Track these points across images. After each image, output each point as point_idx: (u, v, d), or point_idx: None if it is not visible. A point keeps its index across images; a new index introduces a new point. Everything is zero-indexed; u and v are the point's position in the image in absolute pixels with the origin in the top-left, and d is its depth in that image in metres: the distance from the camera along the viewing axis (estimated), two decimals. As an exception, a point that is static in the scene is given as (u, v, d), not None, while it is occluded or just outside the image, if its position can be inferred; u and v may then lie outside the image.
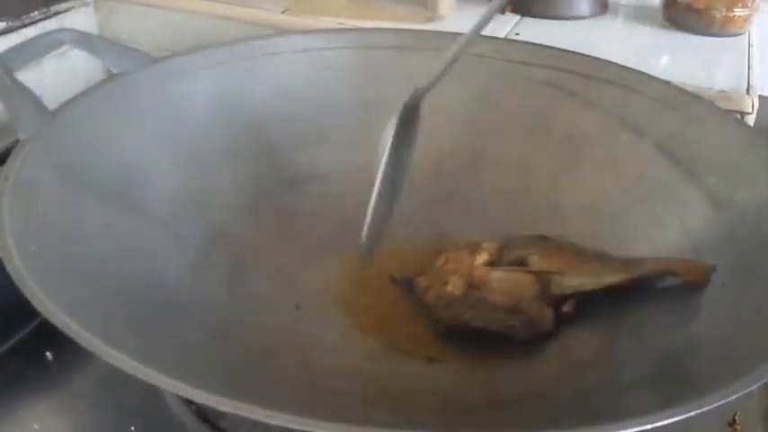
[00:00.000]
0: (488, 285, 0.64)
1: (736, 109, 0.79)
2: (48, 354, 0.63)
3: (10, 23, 0.90)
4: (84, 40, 0.71)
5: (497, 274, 0.64)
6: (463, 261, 0.66)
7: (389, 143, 0.62)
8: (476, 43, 0.63)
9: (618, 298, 0.63)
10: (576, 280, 0.64)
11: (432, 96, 0.77)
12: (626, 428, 0.40)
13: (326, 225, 0.73)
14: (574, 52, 0.78)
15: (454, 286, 0.64)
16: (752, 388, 0.44)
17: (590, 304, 0.64)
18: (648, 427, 0.41)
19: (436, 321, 0.64)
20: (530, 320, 0.63)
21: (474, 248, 0.67)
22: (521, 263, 0.66)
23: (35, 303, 0.46)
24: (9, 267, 0.48)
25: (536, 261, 0.66)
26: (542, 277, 0.64)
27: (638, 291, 0.62)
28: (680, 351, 0.55)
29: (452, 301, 0.63)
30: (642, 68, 0.75)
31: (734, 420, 0.61)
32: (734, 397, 0.43)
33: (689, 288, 0.60)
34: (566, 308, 0.64)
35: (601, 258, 0.66)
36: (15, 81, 0.64)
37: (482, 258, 0.66)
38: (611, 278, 0.64)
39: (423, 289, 0.66)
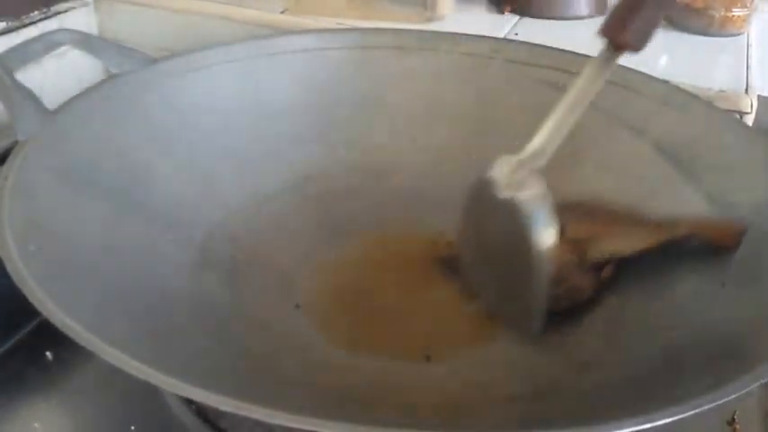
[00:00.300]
0: None
1: (734, 109, 0.79)
2: (48, 353, 0.63)
3: (10, 23, 0.90)
4: (83, 41, 0.71)
5: None
6: None
7: None
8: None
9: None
10: (612, 245, 0.65)
11: (432, 97, 0.78)
12: (626, 428, 0.40)
13: (326, 225, 0.73)
14: (572, 52, 0.78)
15: None
16: (751, 387, 0.44)
17: (627, 269, 0.64)
18: (648, 426, 0.41)
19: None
20: (572, 289, 0.63)
21: None
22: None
23: (35, 303, 0.46)
24: (9, 267, 0.48)
25: (571, 229, 0.65)
26: (579, 245, 0.65)
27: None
28: (679, 350, 0.55)
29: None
30: (641, 68, 0.75)
31: (733, 419, 0.61)
32: (733, 396, 0.43)
33: (718, 252, 0.61)
34: (605, 273, 0.65)
35: (634, 221, 0.66)
36: (15, 81, 0.64)
37: None
38: (645, 242, 0.64)
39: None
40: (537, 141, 0.61)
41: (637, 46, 0.59)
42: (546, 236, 0.59)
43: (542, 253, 0.58)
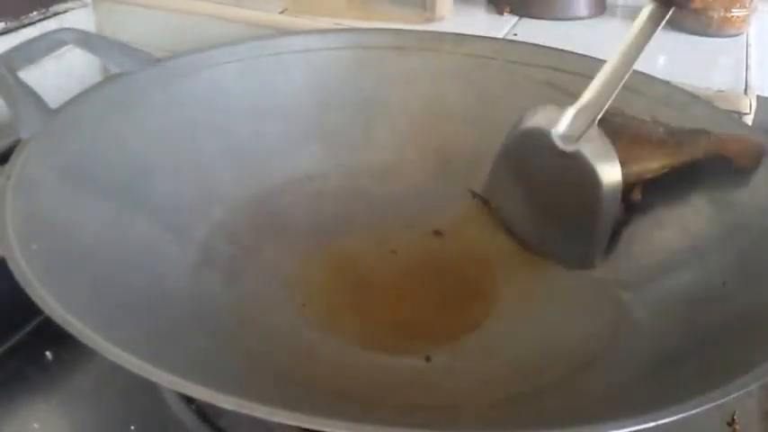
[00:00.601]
0: None
1: (734, 109, 0.79)
2: (47, 353, 0.63)
3: (9, 24, 0.90)
4: (85, 40, 0.71)
5: None
6: None
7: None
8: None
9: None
10: (637, 167, 0.67)
11: (432, 97, 0.78)
12: (625, 427, 0.40)
13: (327, 223, 0.74)
14: (572, 53, 0.79)
15: None
16: (751, 387, 0.44)
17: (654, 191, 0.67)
18: (648, 425, 0.41)
19: None
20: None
21: None
22: None
23: (37, 301, 0.46)
24: (11, 266, 0.48)
25: None
26: None
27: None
28: (679, 350, 0.55)
29: None
30: (640, 69, 0.76)
31: (733, 420, 0.61)
32: (733, 396, 0.43)
33: (738, 172, 0.64)
34: (634, 196, 0.67)
35: (658, 140, 0.67)
36: (18, 80, 0.64)
37: None
38: (668, 161, 0.67)
39: None
40: (589, 94, 0.66)
41: (683, 3, 0.65)
42: (614, 185, 0.65)
43: (612, 200, 0.65)
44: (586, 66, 0.76)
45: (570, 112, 0.67)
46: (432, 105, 0.79)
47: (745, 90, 0.81)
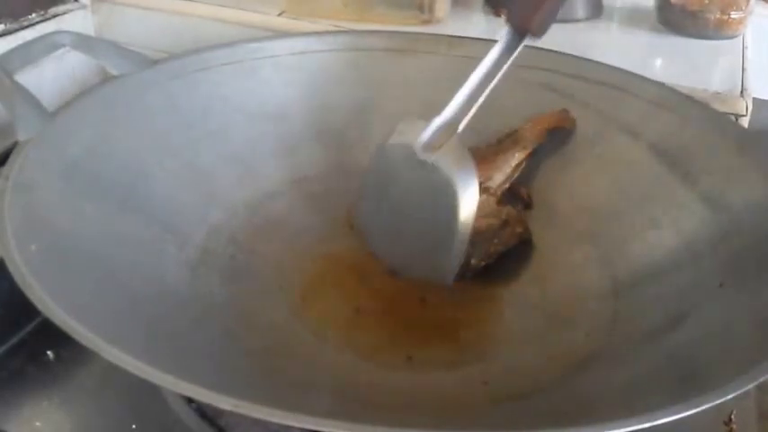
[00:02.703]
0: None
1: (730, 111, 0.79)
2: (49, 352, 0.63)
3: (7, 26, 0.90)
4: (83, 43, 0.71)
5: None
6: None
7: None
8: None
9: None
10: (501, 175, 0.73)
11: (429, 99, 0.78)
12: (624, 427, 0.41)
13: (325, 225, 0.74)
14: (569, 55, 0.79)
15: None
16: (748, 387, 0.44)
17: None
18: (646, 425, 0.41)
19: (467, 273, 0.69)
20: (521, 220, 0.71)
21: None
22: None
23: (36, 302, 0.46)
24: (10, 267, 0.49)
25: None
26: (482, 189, 0.69)
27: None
28: (677, 351, 0.55)
29: (467, 251, 0.67)
30: (637, 71, 0.76)
31: (729, 420, 0.61)
32: (730, 396, 0.44)
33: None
34: (523, 194, 0.75)
35: (499, 148, 0.75)
36: (15, 83, 0.64)
37: None
38: (519, 157, 0.74)
39: None
40: (450, 107, 0.67)
41: (539, 33, 0.66)
42: (471, 194, 0.66)
43: (469, 210, 0.66)
44: (583, 68, 0.77)
45: (432, 125, 0.67)
46: (429, 107, 0.79)
47: (742, 92, 0.81)
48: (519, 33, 0.66)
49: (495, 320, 0.66)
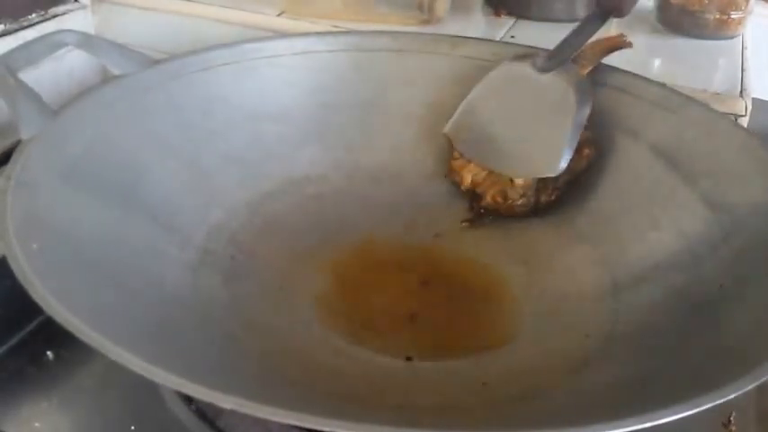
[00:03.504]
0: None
1: (729, 111, 0.79)
2: (48, 353, 0.63)
3: (8, 26, 0.90)
4: (85, 42, 0.71)
5: None
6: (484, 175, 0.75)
7: None
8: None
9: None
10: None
11: (429, 100, 0.78)
12: (624, 427, 0.41)
13: (325, 225, 0.74)
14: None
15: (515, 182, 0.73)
16: (748, 388, 0.44)
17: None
18: (646, 425, 0.41)
19: (539, 210, 0.74)
20: (590, 142, 0.73)
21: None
22: None
23: (38, 301, 0.46)
24: (13, 265, 0.48)
25: None
26: None
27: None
28: (677, 351, 0.55)
29: (537, 186, 0.73)
30: (637, 71, 0.76)
31: (729, 421, 0.61)
32: (731, 396, 0.44)
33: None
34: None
35: None
36: (19, 81, 0.64)
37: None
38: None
39: (500, 204, 0.74)
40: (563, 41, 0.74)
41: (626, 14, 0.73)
42: (587, 96, 0.73)
43: (586, 109, 0.72)
44: (583, 68, 0.77)
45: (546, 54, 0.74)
46: (430, 108, 0.79)
47: (741, 92, 0.81)
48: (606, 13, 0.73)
49: (495, 321, 0.66)
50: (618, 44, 0.75)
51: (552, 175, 0.71)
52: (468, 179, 0.73)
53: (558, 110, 0.72)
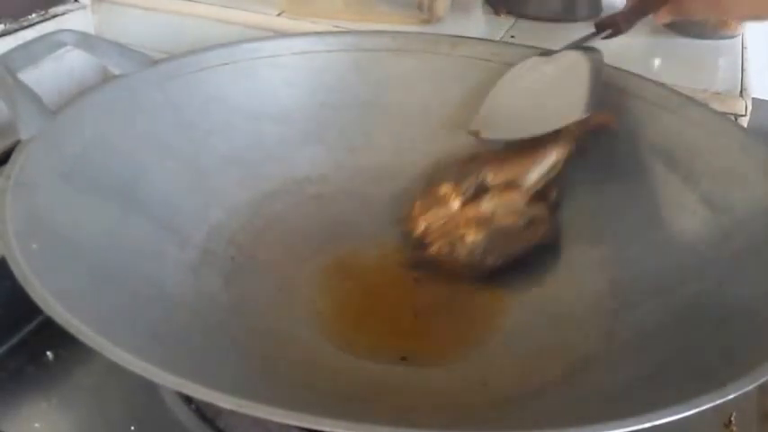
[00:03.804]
0: (493, 217, 0.69)
1: (729, 111, 0.79)
2: (48, 353, 0.63)
3: (8, 26, 0.90)
4: (84, 42, 0.71)
5: (488, 205, 0.70)
6: (444, 213, 0.70)
7: None
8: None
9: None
10: (537, 172, 0.72)
11: (429, 99, 0.78)
12: (624, 427, 0.41)
13: (325, 225, 0.74)
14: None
15: (475, 234, 0.68)
16: (748, 388, 0.44)
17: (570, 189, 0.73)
18: (646, 425, 0.41)
19: (481, 272, 0.69)
20: (546, 220, 0.70)
21: (437, 200, 0.71)
22: (482, 187, 0.71)
23: (38, 301, 0.46)
24: (12, 266, 0.48)
25: (492, 178, 0.71)
26: (512, 185, 0.70)
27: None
28: (677, 351, 0.55)
29: (486, 247, 0.68)
30: (637, 71, 0.76)
31: (730, 421, 0.61)
32: (731, 396, 0.44)
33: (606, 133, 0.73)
34: (552, 196, 0.72)
35: (535, 146, 0.72)
36: (18, 81, 0.64)
37: (457, 203, 0.70)
38: (559, 155, 0.72)
39: (444, 257, 0.69)
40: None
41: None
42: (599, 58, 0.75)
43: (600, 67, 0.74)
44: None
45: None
46: (430, 107, 0.79)
47: (741, 92, 0.81)
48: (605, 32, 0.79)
49: (495, 321, 0.66)
50: (606, 122, 0.74)
51: (582, 115, 0.70)
52: (421, 227, 0.70)
53: (573, 70, 0.74)
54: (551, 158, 0.72)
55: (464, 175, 0.71)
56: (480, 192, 0.70)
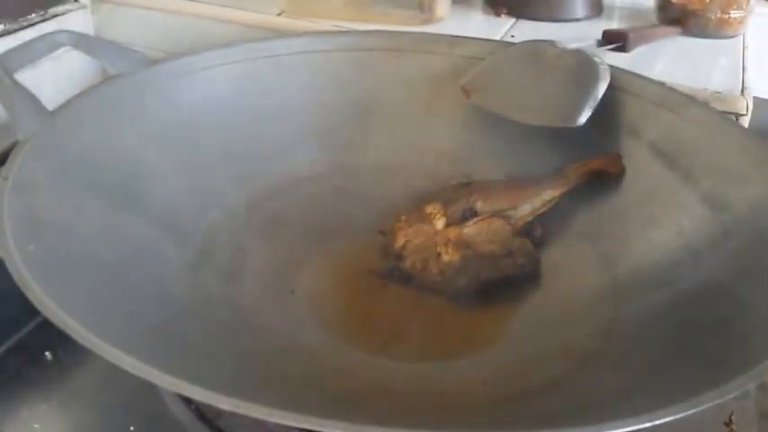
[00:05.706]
0: (473, 241, 0.69)
1: (730, 110, 0.79)
2: (47, 354, 0.63)
3: (7, 26, 0.90)
4: (83, 42, 0.71)
5: (471, 230, 0.70)
6: (426, 231, 0.70)
7: None
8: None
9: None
10: (529, 206, 0.72)
11: (428, 99, 0.78)
12: (624, 427, 0.41)
13: (325, 225, 0.74)
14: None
15: (451, 255, 0.68)
16: (747, 387, 0.44)
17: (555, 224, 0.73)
18: (646, 425, 0.41)
19: (453, 292, 0.67)
20: (527, 254, 0.70)
21: (422, 217, 0.71)
22: (470, 212, 0.71)
23: (35, 302, 0.46)
24: (10, 267, 0.48)
25: (482, 206, 0.71)
26: (503, 216, 0.70)
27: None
28: (676, 350, 0.55)
29: (459, 268, 0.67)
30: (637, 70, 0.76)
31: (730, 420, 0.61)
32: (730, 396, 0.44)
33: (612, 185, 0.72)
34: (537, 233, 0.72)
35: (537, 180, 0.74)
36: (15, 82, 0.64)
37: (441, 222, 0.70)
38: (554, 194, 0.73)
39: (417, 271, 0.69)
40: None
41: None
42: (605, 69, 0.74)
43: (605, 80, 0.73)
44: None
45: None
46: (429, 107, 0.79)
47: (742, 91, 0.81)
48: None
49: (495, 320, 0.66)
50: (608, 166, 0.73)
51: (570, 125, 0.71)
52: (401, 241, 0.70)
53: (579, 72, 0.74)
54: (546, 196, 0.73)
55: (454, 199, 0.72)
56: (468, 216, 0.70)
